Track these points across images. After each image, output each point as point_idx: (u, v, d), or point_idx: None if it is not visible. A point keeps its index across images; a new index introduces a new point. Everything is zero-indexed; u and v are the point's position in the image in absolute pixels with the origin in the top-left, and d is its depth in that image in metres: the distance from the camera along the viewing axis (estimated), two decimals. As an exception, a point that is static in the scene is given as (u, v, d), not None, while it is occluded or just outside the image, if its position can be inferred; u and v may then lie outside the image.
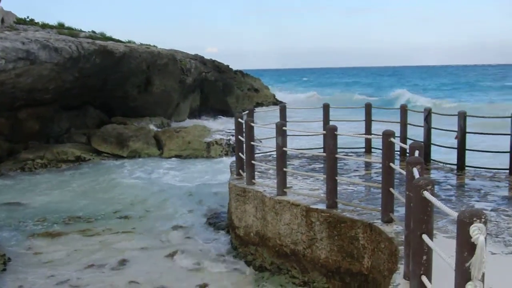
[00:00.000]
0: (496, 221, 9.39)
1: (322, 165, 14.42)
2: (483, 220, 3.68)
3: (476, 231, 3.65)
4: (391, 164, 8.65)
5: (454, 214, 3.94)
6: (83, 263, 12.52)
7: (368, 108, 16.55)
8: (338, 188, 10.61)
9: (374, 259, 9.20)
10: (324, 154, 10.62)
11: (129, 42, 33.90)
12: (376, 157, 15.31)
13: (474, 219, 3.69)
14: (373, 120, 16.63)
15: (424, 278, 5.12)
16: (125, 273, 11.95)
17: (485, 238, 3.69)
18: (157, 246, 13.69)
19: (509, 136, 13.18)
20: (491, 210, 10.12)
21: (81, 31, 31.99)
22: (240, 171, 13.27)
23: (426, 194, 4.84)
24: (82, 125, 29.05)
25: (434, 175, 13.63)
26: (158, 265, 12.28)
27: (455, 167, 14.19)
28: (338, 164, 13.72)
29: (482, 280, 3.78)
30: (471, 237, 3.68)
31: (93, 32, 33.02)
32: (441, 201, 10.52)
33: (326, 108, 16.80)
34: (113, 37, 33.30)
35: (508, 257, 7.67)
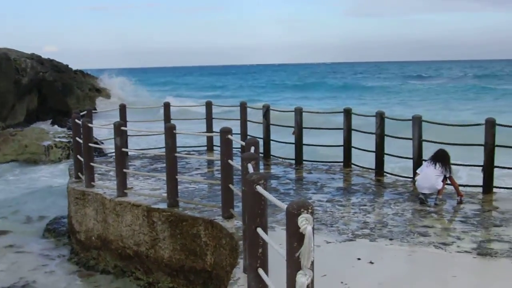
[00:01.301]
0: (331, 211, 9.82)
1: (164, 165, 14.28)
2: (310, 210, 3.80)
3: (304, 222, 3.76)
4: (229, 161, 8.76)
5: (284, 206, 4.03)
6: None
7: (208, 106, 16.67)
8: (179, 186, 10.60)
9: (217, 256, 9.27)
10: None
11: (-44, 41, 31.70)
12: (218, 155, 15.43)
13: (302, 210, 3.79)
14: (214, 118, 16.79)
15: (260, 271, 5.20)
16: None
17: (313, 228, 3.81)
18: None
19: (342, 131, 13.87)
20: (327, 201, 10.57)
21: None
22: (79, 173, 12.84)
23: (259, 188, 4.93)
24: None
25: (274, 170, 14.01)
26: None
27: (293, 161, 14.67)
28: (180, 163, 13.76)
29: (312, 268, 3.90)
30: (299, 228, 3.78)
31: None
32: (280, 195, 10.90)
33: (167, 107, 16.71)
34: None
35: (342, 245, 8.04)
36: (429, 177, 10.32)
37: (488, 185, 11.24)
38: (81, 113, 14.58)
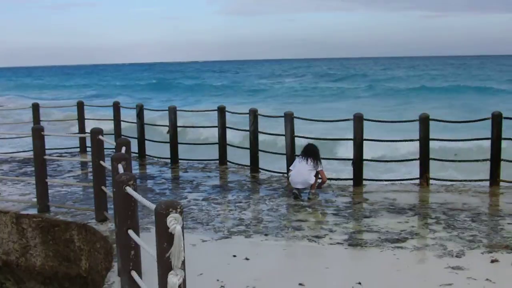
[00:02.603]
0: (207, 210, 9.83)
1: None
2: (179, 210, 3.76)
3: (173, 222, 3.71)
4: (101, 162, 8.55)
5: (152, 207, 3.96)
6: None
7: (80, 106, 16.23)
8: (51, 190, 10.25)
9: (92, 260, 9.02)
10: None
11: None
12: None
13: (170, 210, 3.74)
14: (87, 119, 16.36)
15: (133, 273, 5.11)
16: None
17: (183, 227, 3.77)
18: None
19: (217, 129, 13.92)
20: (203, 200, 10.57)
21: None
22: None
23: (128, 189, 4.83)
24: None
25: (150, 170, 13.86)
26: None
27: (169, 160, 14.56)
28: (52, 166, 13.31)
29: (183, 268, 3.86)
30: (168, 228, 3.73)
31: None
32: (156, 195, 10.80)
33: (35, 107, 16.08)
34: None
35: (218, 242, 8.07)
36: (302, 172, 10.57)
37: (358, 178, 11.67)
38: None
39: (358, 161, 11.62)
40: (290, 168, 11.10)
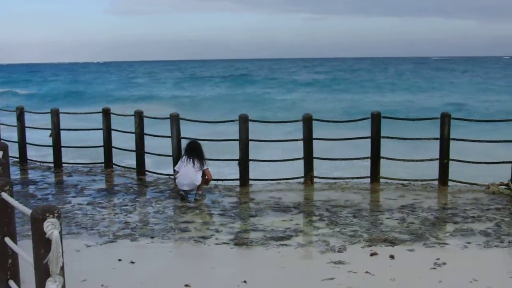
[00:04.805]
0: (92, 214, 9.64)
1: None
2: (56, 215, 3.67)
3: (50, 227, 3.62)
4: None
5: (28, 212, 3.85)
6: None
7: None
8: None
9: (-32, 271, 8.60)
10: None
11: None
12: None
13: (47, 214, 3.64)
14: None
15: (11, 283, 4.92)
16: None
17: (60, 233, 3.68)
18: None
19: (102, 132, 13.63)
20: (87, 204, 10.36)
21: None
22: None
23: (4, 195, 4.65)
24: None
25: (31, 174, 13.39)
26: None
27: (52, 165, 14.10)
28: None
29: (62, 274, 3.78)
30: (45, 233, 3.63)
31: None
32: (38, 201, 10.48)
33: None
34: None
35: (102, 247, 7.95)
36: (188, 174, 10.56)
37: (244, 178, 11.81)
38: None
39: (244, 161, 11.75)
40: (175, 168, 11.02)
